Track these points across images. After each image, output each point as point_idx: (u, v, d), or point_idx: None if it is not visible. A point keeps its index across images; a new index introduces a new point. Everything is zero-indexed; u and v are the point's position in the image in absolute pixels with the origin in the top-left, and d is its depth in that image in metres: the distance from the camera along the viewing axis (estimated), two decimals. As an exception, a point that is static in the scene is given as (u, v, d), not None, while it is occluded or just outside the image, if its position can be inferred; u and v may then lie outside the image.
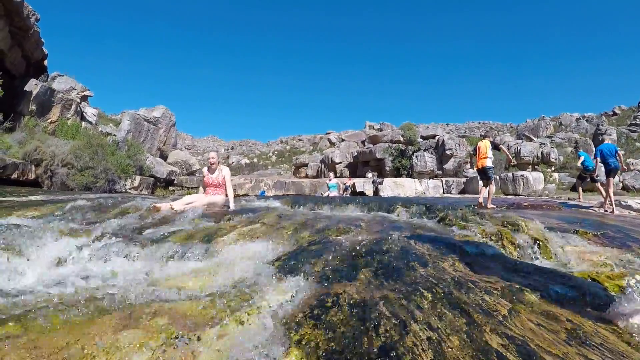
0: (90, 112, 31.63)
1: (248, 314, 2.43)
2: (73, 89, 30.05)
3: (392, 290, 2.65)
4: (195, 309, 2.56)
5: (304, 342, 2.09)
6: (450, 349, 1.98)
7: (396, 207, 7.39)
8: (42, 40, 26.50)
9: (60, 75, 30.09)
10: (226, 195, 8.85)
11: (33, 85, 24.39)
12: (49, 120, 25.52)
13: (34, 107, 24.26)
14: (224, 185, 8.86)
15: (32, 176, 19.24)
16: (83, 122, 28.64)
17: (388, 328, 2.12)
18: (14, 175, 18.23)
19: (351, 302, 2.46)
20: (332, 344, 2.04)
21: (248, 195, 25.81)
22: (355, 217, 6.34)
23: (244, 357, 1.98)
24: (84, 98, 31.77)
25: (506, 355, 1.97)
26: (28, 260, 4.12)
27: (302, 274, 3.06)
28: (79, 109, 28.69)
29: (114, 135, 29.81)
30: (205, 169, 9.02)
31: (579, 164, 17.14)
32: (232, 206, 8.24)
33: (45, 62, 28.48)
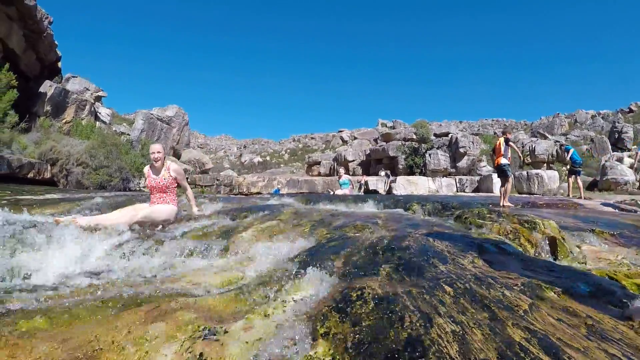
0: (104, 112, 32.18)
1: (273, 308, 2.47)
2: (87, 89, 30.46)
3: (414, 286, 2.67)
4: (220, 304, 2.62)
5: (330, 335, 2.12)
6: (474, 342, 2.01)
7: (412, 205, 7.39)
8: (56, 42, 27.06)
9: (74, 77, 30.65)
10: (176, 204, 6.65)
11: (47, 87, 24.93)
12: (64, 121, 26.07)
13: (48, 108, 24.80)
14: (174, 189, 6.62)
15: (47, 175, 19.73)
16: (97, 122, 29.21)
17: (413, 321, 2.15)
18: (30, 175, 18.65)
19: (375, 296, 2.49)
20: (359, 336, 2.07)
21: (261, 193, 26.59)
22: (371, 214, 6.33)
23: (271, 349, 2.02)
24: (98, 98, 32.18)
25: (529, 348, 1.99)
26: (48, 256, 4.17)
27: (324, 269, 3.08)
28: (93, 109, 29.23)
29: (128, 134, 30.41)
30: (146, 169, 6.70)
31: (567, 157, 17.22)
32: (195, 210, 6.92)
33: (59, 64, 29.03)
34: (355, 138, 57.18)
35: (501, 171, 11.53)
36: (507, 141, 11.66)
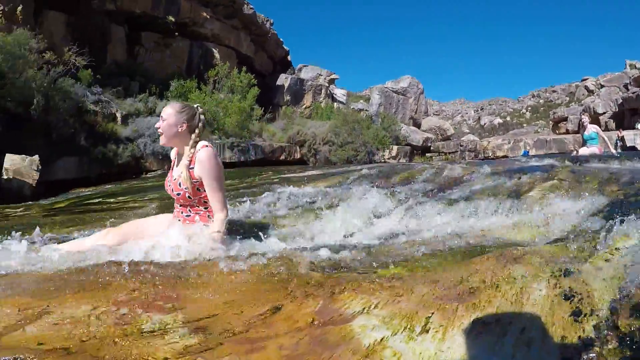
0: (339, 93, 34.65)
1: (609, 254, 2.49)
2: (320, 75, 33.41)
3: None
4: (552, 251, 2.69)
5: (685, 270, 2.18)
6: None
7: None
8: (281, 39, 31.09)
9: (305, 66, 34.14)
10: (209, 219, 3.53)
11: (283, 79, 28.64)
12: (304, 106, 29.24)
13: (288, 97, 28.23)
14: (202, 199, 3.51)
15: (297, 156, 22.58)
16: (335, 103, 31.62)
17: None
18: (282, 157, 21.47)
19: None
20: None
21: (508, 156, 25.77)
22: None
23: (630, 283, 2.06)
24: (332, 81, 34.44)
25: None
26: (347, 219, 4.49)
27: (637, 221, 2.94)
28: (328, 92, 31.82)
29: (366, 110, 31.97)
30: (172, 153, 3.84)
31: None
32: (210, 242, 3.25)
33: (289, 58, 33.13)
34: (602, 86, 50.69)
35: None
36: None
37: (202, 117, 3.57)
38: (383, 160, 23.37)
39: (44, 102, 12.66)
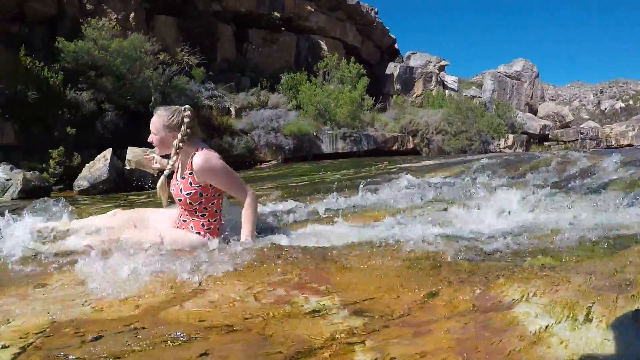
0: (450, 79, 33.32)
1: None
2: (429, 62, 32.46)
3: None
4: None
5: None
6: None
7: None
8: (387, 28, 30.46)
9: (413, 53, 33.02)
10: (206, 231, 3.34)
11: (392, 68, 28.43)
12: (415, 95, 28.76)
13: (398, 86, 27.96)
14: (203, 207, 3.33)
15: (410, 145, 22.30)
16: (446, 91, 30.82)
17: None
18: (394, 147, 21.43)
19: None
20: None
21: (633, 144, 24.81)
22: None
23: None
24: (442, 68, 33.44)
25: None
26: (478, 210, 4.43)
27: None
28: (439, 79, 31.09)
29: (479, 97, 31.25)
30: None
31: None
32: (246, 236, 3.28)
33: (396, 46, 32.34)
34: None
35: None
36: None
37: (186, 120, 3.24)
38: (499, 150, 22.52)
39: (161, 99, 13.67)
